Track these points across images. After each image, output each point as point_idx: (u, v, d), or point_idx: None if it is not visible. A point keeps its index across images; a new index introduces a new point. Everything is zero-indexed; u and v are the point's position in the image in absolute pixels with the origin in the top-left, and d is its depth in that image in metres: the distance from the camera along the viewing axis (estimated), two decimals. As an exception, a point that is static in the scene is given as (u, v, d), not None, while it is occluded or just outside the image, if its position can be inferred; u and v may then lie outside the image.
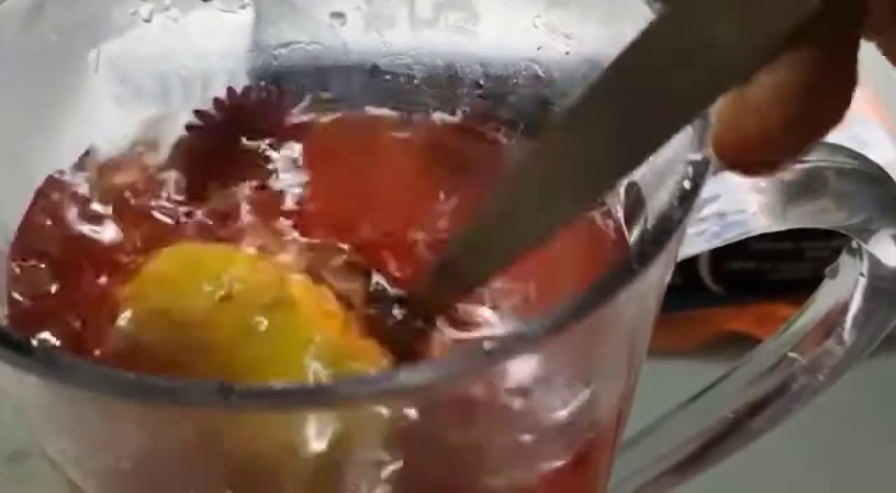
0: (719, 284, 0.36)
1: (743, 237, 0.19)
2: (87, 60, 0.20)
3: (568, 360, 0.13)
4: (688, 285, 0.34)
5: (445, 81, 0.22)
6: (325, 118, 0.23)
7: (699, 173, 0.14)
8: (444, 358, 0.12)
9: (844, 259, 0.20)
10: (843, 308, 0.20)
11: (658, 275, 0.14)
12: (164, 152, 0.21)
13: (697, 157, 0.14)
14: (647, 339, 0.17)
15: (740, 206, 0.18)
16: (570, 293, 0.18)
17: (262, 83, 0.22)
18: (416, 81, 0.22)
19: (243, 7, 0.21)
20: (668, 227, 0.13)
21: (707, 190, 0.18)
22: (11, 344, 0.12)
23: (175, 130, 0.22)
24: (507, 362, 0.12)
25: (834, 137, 0.40)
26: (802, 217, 0.18)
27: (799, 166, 0.17)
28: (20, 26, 0.18)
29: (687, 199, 0.13)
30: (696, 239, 0.19)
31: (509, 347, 0.12)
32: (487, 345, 0.12)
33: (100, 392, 0.12)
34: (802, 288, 0.23)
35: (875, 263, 0.19)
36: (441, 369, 0.12)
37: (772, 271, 0.35)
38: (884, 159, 0.36)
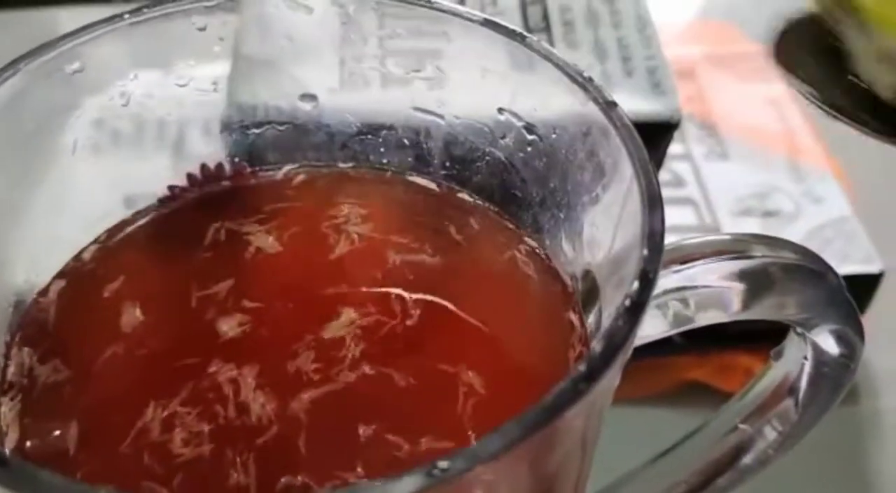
0: (681, 333, 0.37)
1: (701, 325, 0.20)
2: (65, 143, 0.20)
3: (520, 467, 0.14)
4: (650, 334, 0.36)
5: (413, 161, 0.23)
6: (298, 193, 0.23)
7: (645, 288, 0.15)
8: (400, 476, 0.12)
9: (791, 339, 0.21)
10: (791, 386, 0.21)
11: (607, 384, 0.15)
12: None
13: (645, 268, 0.15)
14: (599, 430, 0.18)
15: (704, 298, 0.19)
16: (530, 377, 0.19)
17: (237, 159, 0.23)
18: (384, 160, 0.23)
19: (216, 91, 0.22)
20: (614, 345, 0.14)
21: (672, 280, 0.19)
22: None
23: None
24: (459, 480, 0.13)
25: (791, 191, 0.42)
26: (762, 311, 0.19)
27: (749, 263, 0.18)
28: (3, 111, 0.18)
29: (632, 316, 0.14)
30: (660, 323, 0.20)
31: (460, 466, 0.12)
32: (441, 464, 0.12)
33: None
34: (761, 339, 0.24)
35: (818, 350, 0.20)
36: (398, 486, 0.12)
37: (732, 322, 0.36)
38: (838, 214, 0.38)
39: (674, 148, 0.42)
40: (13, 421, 0.18)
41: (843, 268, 0.36)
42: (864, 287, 0.36)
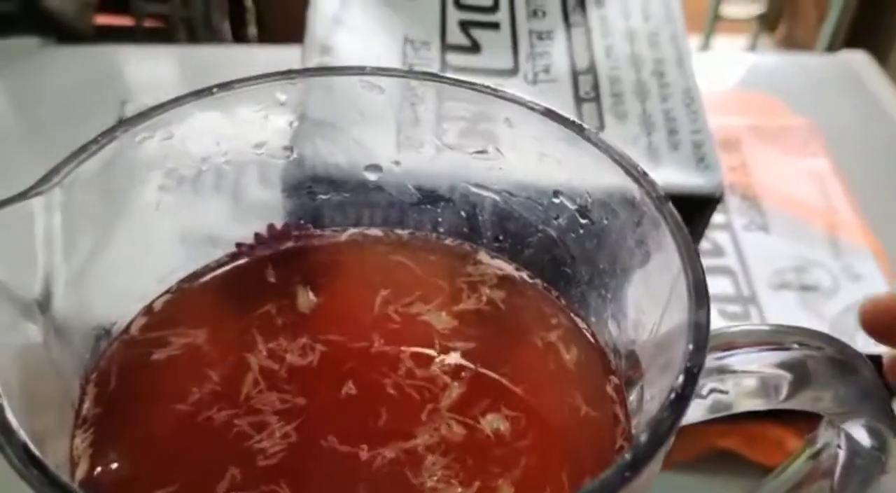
0: (713, 402, 0.38)
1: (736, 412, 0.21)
2: (148, 200, 0.22)
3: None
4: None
5: (468, 232, 0.24)
6: (357, 255, 0.25)
7: (690, 382, 0.16)
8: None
9: (824, 427, 0.22)
10: (825, 471, 0.22)
11: (651, 470, 0.15)
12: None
13: (690, 364, 0.16)
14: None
15: (745, 387, 0.20)
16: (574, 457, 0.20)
17: (301, 221, 0.25)
18: (440, 230, 0.24)
19: (288, 158, 0.24)
20: (659, 435, 0.15)
21: (714, 367, 0.19)
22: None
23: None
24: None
25: (830, 266, 0.42)
26: (799, 402, 0.20)
27: (787, 354, 0.19)
28: (99, 172, 0.20)
29: (677, 408, 0.15)
30: (699, 409, 0.21)
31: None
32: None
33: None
34: (791, 412, 0.24)
35: (851, 440, 0.21)
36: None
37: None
38: (874, 291, 0.39)
39: (714, 218, 0.42)
40: (84, 453, 0.19)
41: (879, 348, 0.37)
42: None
